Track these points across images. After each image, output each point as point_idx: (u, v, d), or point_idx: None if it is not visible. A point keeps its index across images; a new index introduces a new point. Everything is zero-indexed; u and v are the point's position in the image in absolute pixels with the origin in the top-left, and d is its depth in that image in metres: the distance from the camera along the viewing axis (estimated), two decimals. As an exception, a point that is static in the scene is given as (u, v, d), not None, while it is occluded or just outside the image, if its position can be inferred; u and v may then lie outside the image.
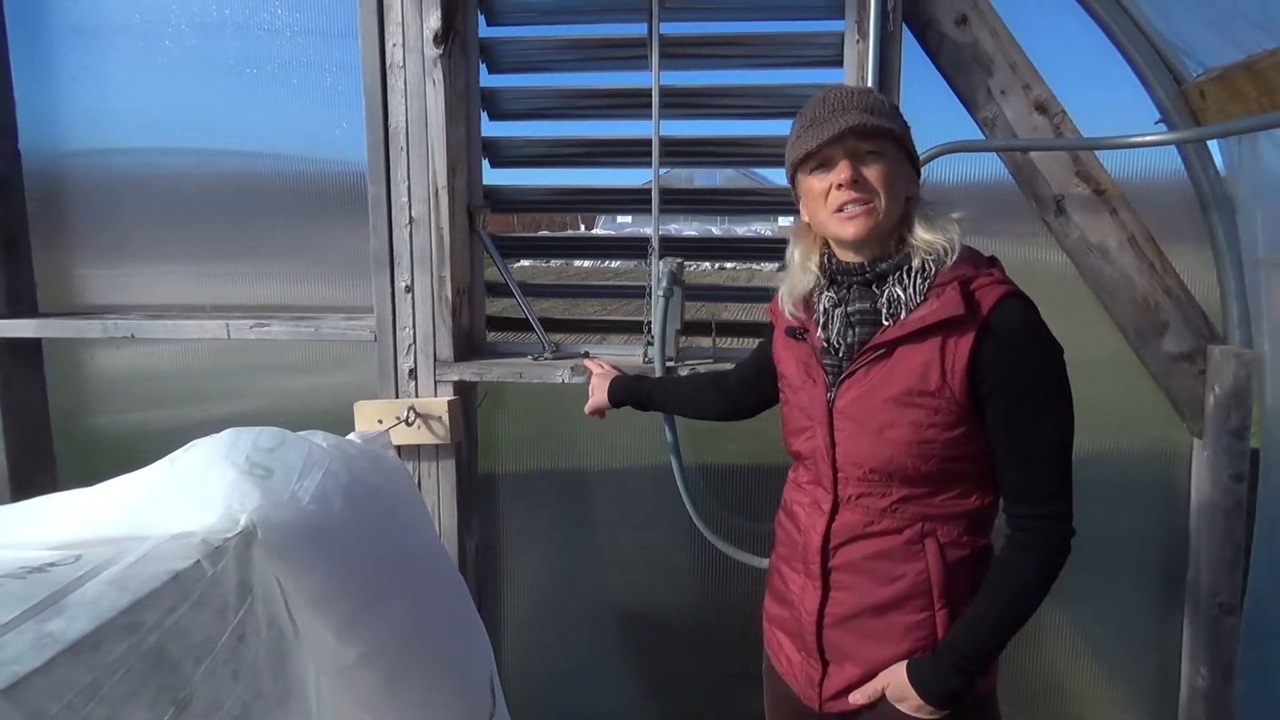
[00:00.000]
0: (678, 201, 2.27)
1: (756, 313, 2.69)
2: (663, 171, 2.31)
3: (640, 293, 2.21)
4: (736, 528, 2.32)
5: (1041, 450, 1.29)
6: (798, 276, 1.47)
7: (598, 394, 2.01)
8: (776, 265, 1.64)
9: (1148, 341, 2.06)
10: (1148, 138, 1.90)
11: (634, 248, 2.34)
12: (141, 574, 1.16)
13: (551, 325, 2.30)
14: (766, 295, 2.33)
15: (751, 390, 1.76)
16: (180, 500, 1.37)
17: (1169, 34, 1.94)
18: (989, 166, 2.09)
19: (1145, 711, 2.32)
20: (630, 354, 2.24)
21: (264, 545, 1.36)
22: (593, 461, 2.56)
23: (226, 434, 1.49)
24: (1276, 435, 2.08)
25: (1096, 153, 2.01)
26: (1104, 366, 2.15)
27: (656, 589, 2.62)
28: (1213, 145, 2.01)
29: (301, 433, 1.62)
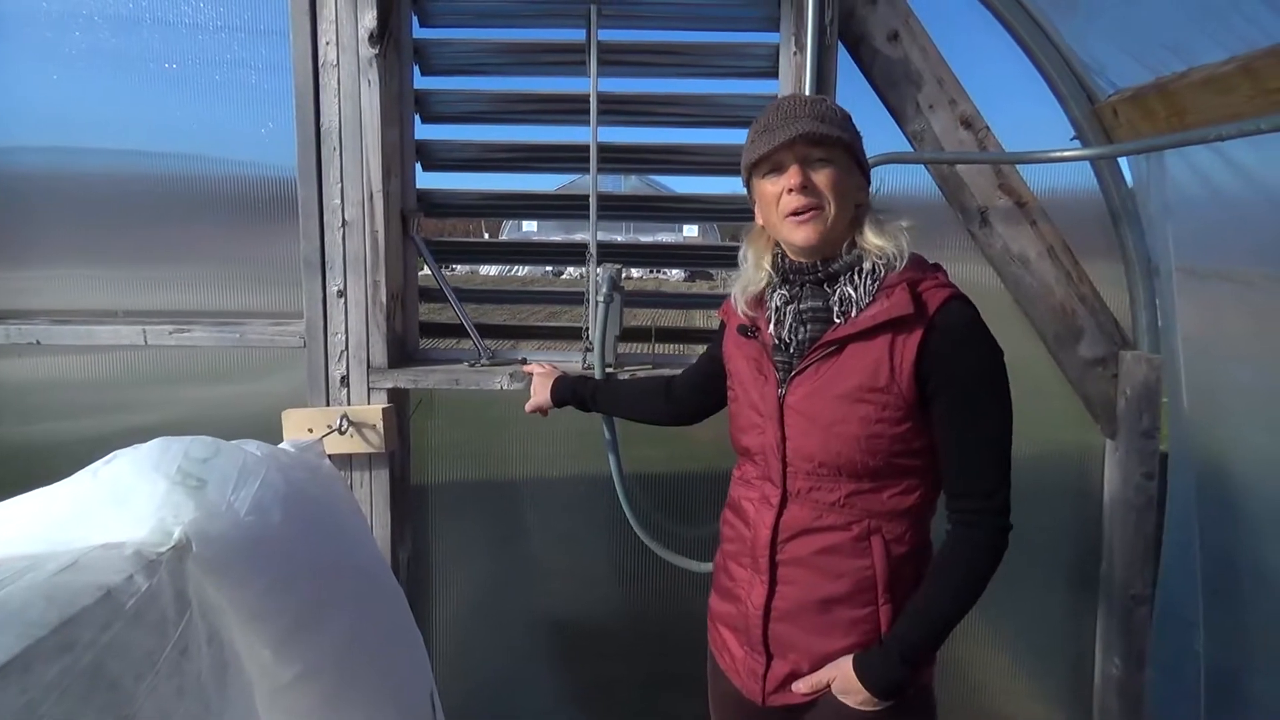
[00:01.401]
0: (613, 208, 2.27)
1: (673, 318, 2.71)
2: (571, 179, 2.31)
3: (578, 299, 2.20)
4: (671, 532, 2.33)
5: (983, 445, 1.34)
6: (750, 275, 1.51)
7: (539, 393, 1.99)
8: (683, 274, 1.66)
9: (1065, 347, 2.16)
10: (1065, 153, 2.00)
11: (563, 253, 2.33)
12: (70, 586, 1.10)
13: (486, 331, 2.26)
14: (698, 302, 2.37)
15: (697, 395, 1.78)
16: (107, 513, 1.31)
17: (1084, 56, 2.05)
18: (917, 179, 2.17)
19: (1061, 701, 2.42)
20: (568, 360, 2.22)
21: (199, 559, 1.31)
22: (526, 469, 2.53)
23: (155, 443, 1.42)
24: (1185, 435, 2.20)
25: (1018, 167, 2.10)
26: (1022, 374, 2.24)
27: (591, 596, 2.60)
28: (1123, 162, 2.13)
29: (234, 441, 1.56)
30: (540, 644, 2.59)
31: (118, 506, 1.31)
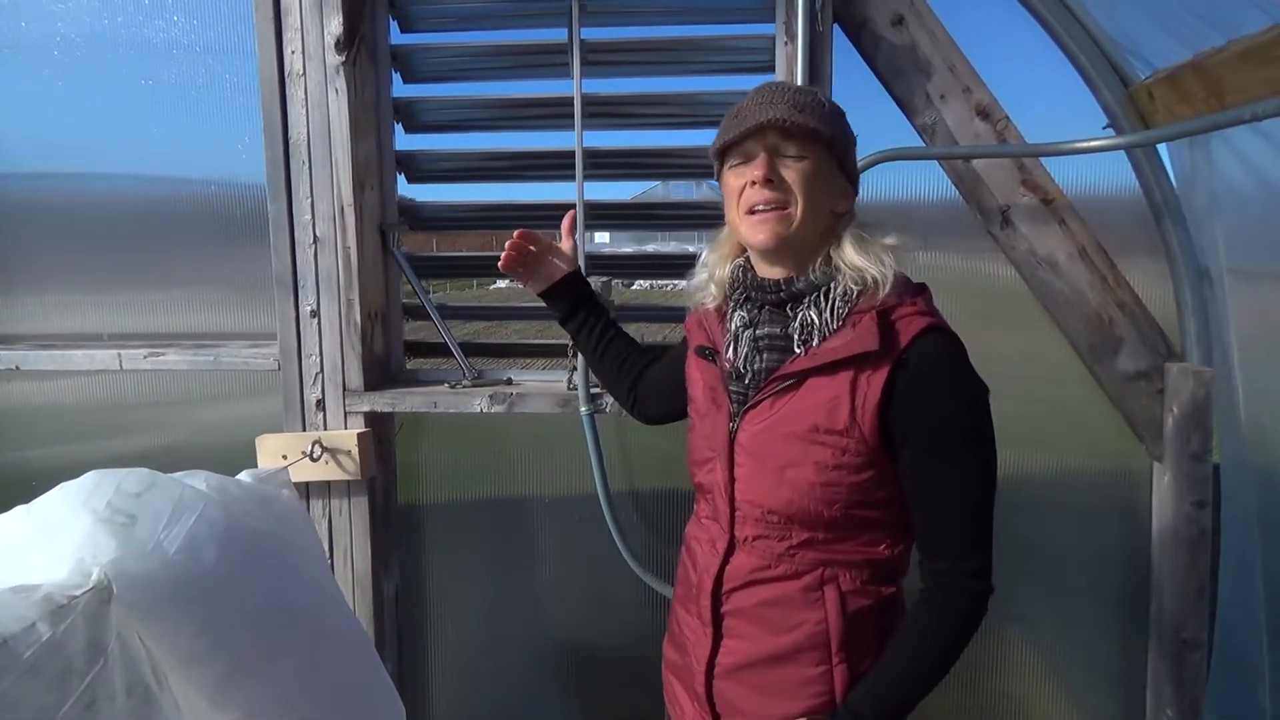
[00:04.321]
0: (604, 216, 2.13)
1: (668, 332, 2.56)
2: (648, 186, 2.17)
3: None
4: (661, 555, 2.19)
5: (959, 500, 1.17)
6: (701, 283, 1.37)
7: (548, 268, 1.60)
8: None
9: (1102, 359, 1.94)
10: (1095, 143, 1.79)
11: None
12: (-40, 638, 1.02)
13: (473, 350, 2.15)
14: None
15: (662, 400, 1.58)
16: (33, 552, 1.25)
17: (1115, 33, 1.83)
18: (930, 176, 1.98)
19: (1111, 750, 2.19)
20: (555, 380, 2.09)
21: (122, 601, 1.21)
22: (526, 488, 2.39)
23: (89, 476, 1.34)
24: (1242, 455, 1.96)
25: (1043, 161, 1.90)
26: (1059, 382, 2.04)
27: (598, 625, 2.45)
28: (1163, 151, 1.90)
29: (179, 474, 1.47)
30: (548, 678, 2.46)
31: (44, 545, 1.25)
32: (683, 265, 2.07)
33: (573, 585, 2.41)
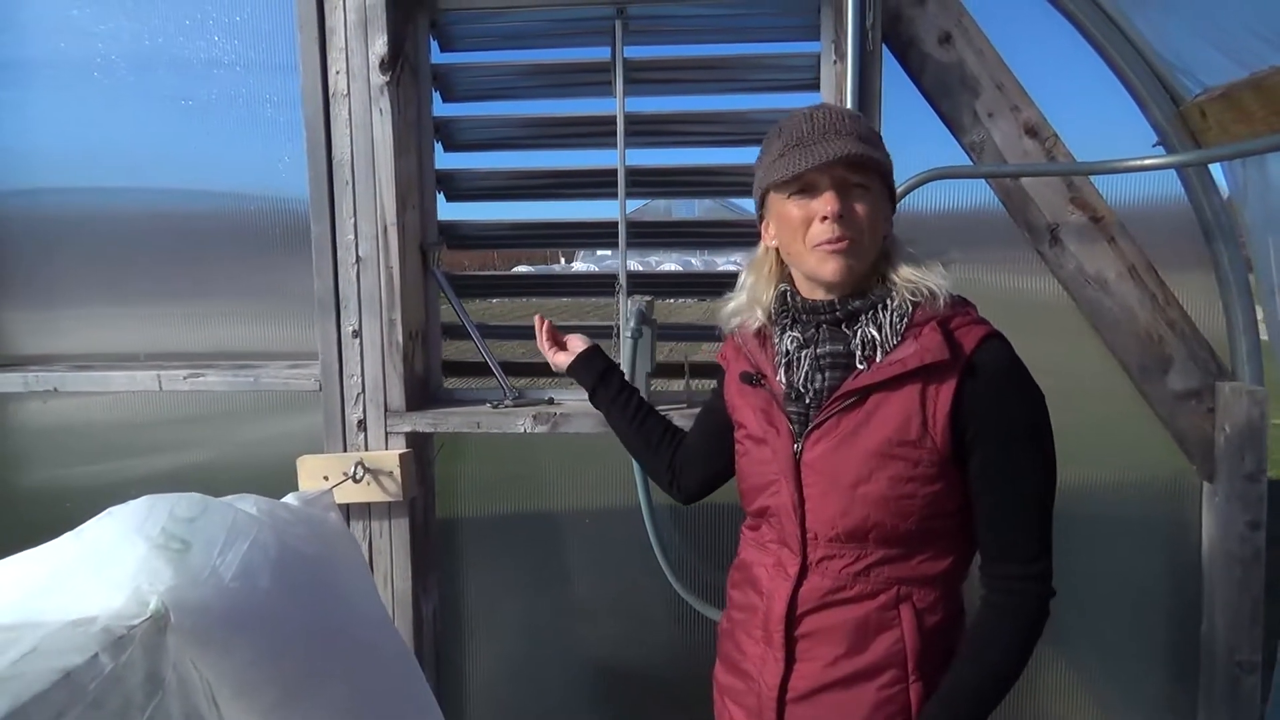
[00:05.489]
0: (647, 235, 2.12)
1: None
2: (639, 204, 2.17)
3: (608, 333, 2.06)
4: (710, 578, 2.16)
5: (1026, 504, 1.19)
6: (743, 306, 1.36)
7: (571, 347, 1.71)
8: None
9: (1151, 378, 1.92)
10: (1148, 161, 1.78)
11: (605, 284, 2.18)
12: (27, 673, 1.01)
13: (514, 369, 2.14)
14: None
15: (693, 466, 1.57)
16: (86, 580, 1.22)
17: (1166, 52, 1.82)
18: (977, 194, 1.96)
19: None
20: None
21: (178, 630, 1.20)
22: (566, 504, 2.38)
23: (142, 501, 1.33)
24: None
25: (1092, 178, 1.88)
26: (1107, 398, 2.02)
27: (642, 644, 2.43)
28: (1216, 169, 1.89)
29: (229, 498, 1.46)
30: (591, 698, 2.43)
31: (97, 572, 1.23)
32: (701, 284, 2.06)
33: (613, 604, 2.39)
